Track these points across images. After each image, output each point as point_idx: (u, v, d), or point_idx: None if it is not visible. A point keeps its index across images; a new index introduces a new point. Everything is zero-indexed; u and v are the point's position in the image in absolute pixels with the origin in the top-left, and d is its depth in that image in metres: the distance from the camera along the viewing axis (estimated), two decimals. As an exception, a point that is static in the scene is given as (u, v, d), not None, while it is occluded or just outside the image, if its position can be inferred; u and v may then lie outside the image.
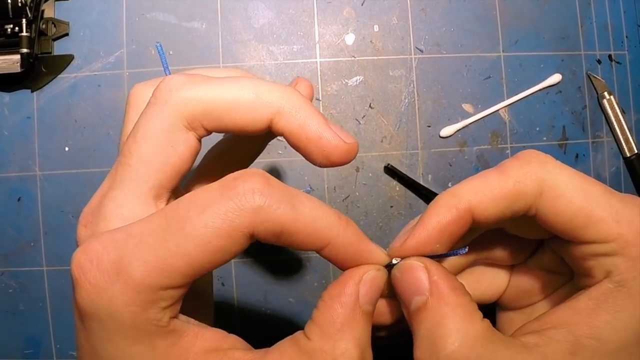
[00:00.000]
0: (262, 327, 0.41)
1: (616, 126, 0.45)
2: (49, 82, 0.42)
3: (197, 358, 0.20)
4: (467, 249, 0.23)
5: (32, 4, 0.41)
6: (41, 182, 0.42)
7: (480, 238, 0.26)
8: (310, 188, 0.42)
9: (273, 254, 0.42)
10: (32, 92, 0.42)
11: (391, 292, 0.24)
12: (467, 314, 0.21)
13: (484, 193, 0.22)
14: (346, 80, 0.43)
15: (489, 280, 0.28)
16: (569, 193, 0.21)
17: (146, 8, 0.42)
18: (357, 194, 0.42)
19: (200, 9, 0.42)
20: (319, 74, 0.43)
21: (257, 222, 0.19)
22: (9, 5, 0.40)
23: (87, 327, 0.19)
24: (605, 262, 0.21)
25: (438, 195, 0.23)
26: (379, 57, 0.43)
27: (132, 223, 0.20)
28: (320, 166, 0.23)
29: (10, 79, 0.41)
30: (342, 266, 0.22)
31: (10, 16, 0.40)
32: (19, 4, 0.40)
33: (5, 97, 0.42)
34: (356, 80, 0.43)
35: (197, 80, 0.21)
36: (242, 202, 0.19)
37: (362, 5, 0.43)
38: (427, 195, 0.42)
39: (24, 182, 0.42)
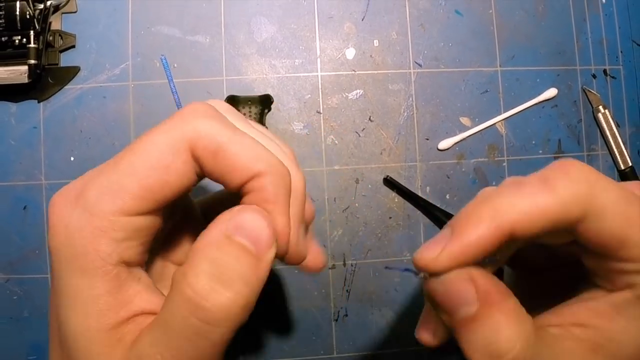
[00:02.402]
0: (262, 336, 0.42)
1: (611, 139, 0.46)
2: (55, 93, 0.43)
3: (129, 315, 0.20)
4: (495, 259, 0.22)
5: (39, 17, 0.41)
6: (47, 191, 0.43)
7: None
8: (310, 199, 0.43)
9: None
10: (38, 102, 0.43)
11: None
12: (520, 317, 0.21)
13: (526, 212, 0.21)
14: (346, 94, 0.44)
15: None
16: (611, 218, 0.21)
17: (151, 22, 0.43)
18: (356, 205, 0.43)
19: (204, 23, 0.43)
20: (320, 87, 0.43)
21: (196, 137, 0.20)
22: (17, 17, 0.41)
23: (52, 263, 0.20)
24: (630, 277, 0.22)
25: (474, 206, 0.21)
26: (379, 71, 0.44)
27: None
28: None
29: (17, 89, 0.42)
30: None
31: (19, 28, 0.41)
32: (27, 16, 0.41)
33: (13, 107, 0.43)
34: (356, 94, 0.44)
35: (218, 118, 0.21)
36: (184, 120, 0.20)
37: (362, 20, 0.44)
38: (425, 207, 0.43)
39: (29, 191, 0.43)
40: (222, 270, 0.19)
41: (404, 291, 0.42)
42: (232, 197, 0.23)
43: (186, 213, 0.26)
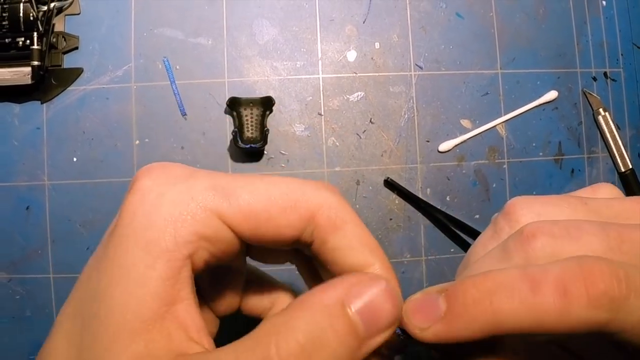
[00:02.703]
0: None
1: (611, 142, 0.46)
2: (58, 94, 0.43)
3: (167, 319, 0.18)
4: None
5: (43, 18, 0.42)
6: (49, 192, 0.43)
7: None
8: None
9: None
10: (41, 103, 0.43)
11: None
12: None
13: (531, 328, 0.17)
14: (348, 96, 0.44)
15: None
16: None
17: (154, 24, 0.43)
18: (357, 206, 0.43)
19: (206, 25, 0.44)
20: (321, 89, 0.44)
21: (319, 208, 0.19)
22: (21, 19, 0.41)
23: (117, 227, 0.18)
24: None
25: (475, 288, 0.17)
26: (380, 74, 0.44)
27: None
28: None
29: (20, 90, 0.42)
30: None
31: (22, 29, 0.42)
32: (31, 18, 0.41)
33: (16, 108, 0.43)
34: (357, 96, 0.44)
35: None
36: (318, 188, 0.20)
37: (363, 23, 0.44)
38: (425, 209, 0.43)
39: (32, 191, 0.43)
40: (318, 345, 0.16)
41: (404, 293, 0.43)
42: None
43: (240, 272, 0.25)
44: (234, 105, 0.41)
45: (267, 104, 0.42)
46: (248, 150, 0.42)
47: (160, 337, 0.17)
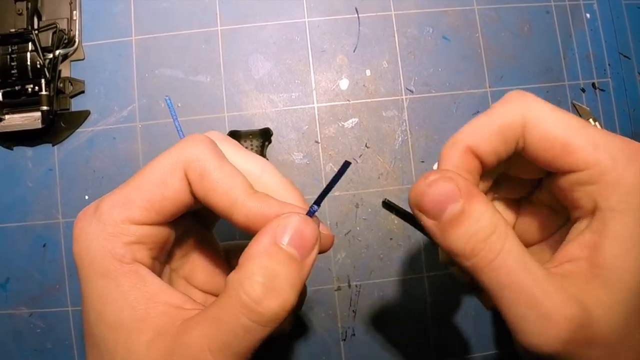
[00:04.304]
0: (268, 355, 0.44)
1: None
2: (68, 136, 0.46)
3: (158, 308, 0.23)
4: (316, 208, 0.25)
5: (49, 65, 0.44)
6: (64, 229, 0.45)
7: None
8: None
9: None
10: (52, 146, 0.46)
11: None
12: (495, 209, 0.23)
13: (477, 133, 0.24)
14: (342, 123, 0.45)
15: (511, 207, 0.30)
16: (548, 123, 0.23)
17: (155, 65, 0.46)
18: (357, 228, 0.45)
19: (204, 63, 0.46)
20: (316, 118, 0.45)
21: (189, 160, 0.24)
22: (29, 67, 0.44)
23: (78, 274, 0.23)
24: (589, 191, 0.22)
25: (443, 147, 0.25)
26: (372, 100, 0.46)
27: None
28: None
29: (32, 134, 0.45)
30: (253, 230, 0.24)
31: (30, 77, 0.44)
32: (38, 66, 0.44)
33: (29, 151, 0.46)
34: (352, 122, 0.45)
35: (210, 147, 0.25)
36: (182, 147, 0.24)
37: (354, 52, 0.46)
38: (423, 228, 0.44)
39: (48, 230, 0.45)
40: (273, 278, 0.22)
41: (408, 309, 0.44)
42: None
43: (202, 239, 0.30)
44: (234, 138, 0.43)
45: (265, 135, 0.43)
46: None
47: (159, 323, 0.23)
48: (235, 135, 0.43)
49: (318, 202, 0.25)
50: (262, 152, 0.43)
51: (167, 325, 0.23)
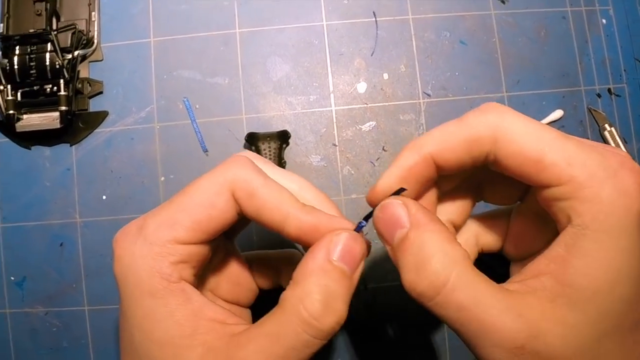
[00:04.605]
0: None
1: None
2: (86, 136, 0.46)
3: (204, 323, 0.24)
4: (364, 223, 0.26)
5: (68, 66, 0.44)
6: (81, 229, 0.45)
7: (474, 180, 0.29)
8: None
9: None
10: (70, 146, 0.46)
11: None
12: (447, 238, 0.23)
13: (442, 140, 0.24)
14: (360, 126, 0.46)
15: (489, 229, 0.30)
16: (521, 139, 0.22)
17: (173, 66, 0.46)
18: (374, 231, 0.45)
19: (222, 65, 0.46)
20: (334, 121, 0.46)
21: (236, 182, 0.25)
22: (48, 68, 0.44)
23: (120, 292, 0.24)
24: (564, 206, 0.22)
25: (404, 146, 0.26)
26: (390, 103, 0.46)
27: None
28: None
29: (50, 134, 0.45)
30: (307, 244, 0.25)
31: (49, 77, 0.44)
32: (57, 66, 0.44)
33: (47, 151, 0.46)
34: (369, 126, 0.46)
35: (253, 167, 0.26)
36: (227, 168, 0.25)
37: (371, 55, 0.46)
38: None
39: (65, 229, 0.45)
40: (329, 295, 0.23)
41: (423, 312, 0.44)
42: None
43: (227, 251, 0.31)
44: (252, 140, 0.43)
45: (283, 137, 0.44)
46: None
47: (207, 339, 0.24)
48: (253, 137, 0.43)
49: (367, 218, 0.26)
50: (279, 155, 0.43)
51: (214, 340, 0.24)
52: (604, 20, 0.49)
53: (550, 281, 0.21)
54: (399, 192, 0.25)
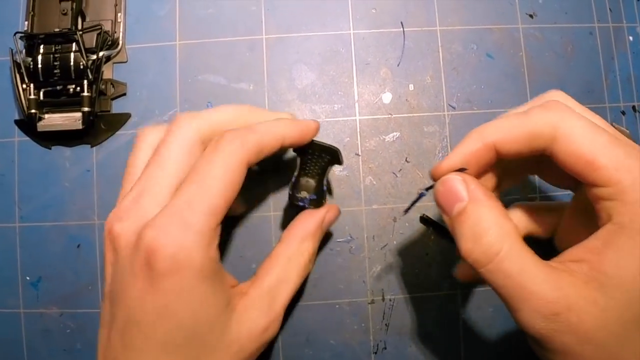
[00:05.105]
0: (305, 368, 0.44)
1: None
2: (107, 138, 0.46)
3: (229, 291, 0.30)
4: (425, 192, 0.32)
5: (92, 67, 0.44)
6: (99, 230, 0.45)
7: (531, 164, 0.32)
8: (350, 237, 0.44)
9: (314, 298, 0.44)
10: (91, 147, 0.46)
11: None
12: (501, 214, 0.26)
13: (505, 131, 0.27)
14: (384, 137, 0.45)
15: (542, 216, 0.34)
16: (578, 140, 0.25)
17: (198, 71, 0.46)
18: (394, 242, 0.45)
19: (248, 71, 0.46)
20: (358, 130, 0.45)
21: (246, 151, 0.28)
22: (72, 68, 0.44)
23: (163, 288, 0.26)
24: (607, 206, 0.25)
25: (469, 132, 0.29)
26: (414, 114, 0.46)
27: (171, 200, 0.27)
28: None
29: (71, 135, 0.45)
30: (302, 140, 0.34)
31: (73, 77, 0.44)
32: (81, 67, 0.44)
33: (67, 151, 0.46)
34: (393, 136, 0.45)
35: (248, 129, 0.30)
36: (232, 147, 0.28)
37: (397, 66, 0.46)
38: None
39: (83, 230, 0.45)
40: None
41: (441, 325, 0.44)
42: None
43: None
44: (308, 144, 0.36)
45: (334, 155, 0.37)
46: (300, 204, 0.37)
47: (236, 305, 0.30)
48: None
49: (428, 189, 0.31)
50: (323, 171, 0.37)
51: (238, 304, 0.30)
52: (630, 38, 0.49)
53: (587, 267, 0.24)
54: (460, 171, 0.28)
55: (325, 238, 0.43)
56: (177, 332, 0.26)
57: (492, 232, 0.25)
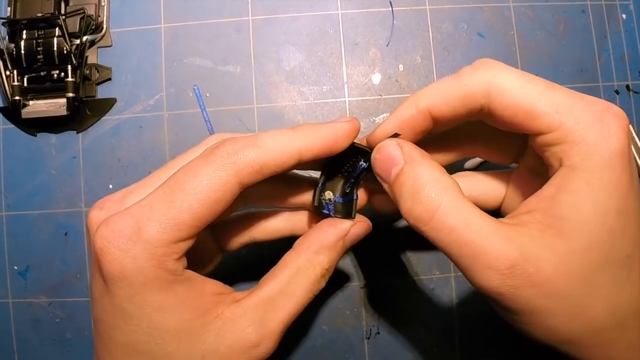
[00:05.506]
0: (296, 355, 0.43)
1: (635, 153, 0.47)
2: (93, 124, 0.45)
3: (210, 299, 0.26)
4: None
5: (76, 52, 0.43)
6: (87, 218, 0.44)
7: (469, 133, 0.31)
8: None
9: (306, 284, 0.44)
10: (77, 133, 0.45)
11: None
12: (439, 170, 0.25)
13: (438, 95, 0.27)
14: (374, 118, 0.45)
15: (488, 185, 0.33)
16: (512, 92, 0.24)
17: (184, 53, 0.45)
18: (386, 226, 0.44)
19: (234, 53, 0.45)
20: (347, 112, 0.45)
21: (238, 171, 0.24)
22: (55, 53, 0.43)
23: (113, 290, 0.24)
24: (556, 151, 0.24)
25: (404, 99, 0.28)
26: (405, 95, 0.45)
27: (141, 199, 0.25)
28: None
29: (57, 121, 0.44)
30: (331, 151, 0.27)
31: (57, 63, 0.43)
32: (65, 52, 0.43)
33: (52, 138, 0.45)
34: (383, 118, 0.45)
35: (251, 142, 0.26)
36: (222, 161, 0.24)
37: (387, 46, 0.45)
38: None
39: (70, 218, 0.44)
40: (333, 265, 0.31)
41: (434, 308, 0.43)
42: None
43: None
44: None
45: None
46: (324, 212, 0.31)
47: (218, 312, 0.26)
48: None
49: (366, 160, 0.30)
50: (357, 180, 0.32)
51: (226, 311, 0.26)
52: (624, 16, 0.48)
53: (540, 215, 0.23)
54: (394, 137, 0.28)
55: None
56: (137, 336, 0.24)
57: (429, 187, 0.24)
